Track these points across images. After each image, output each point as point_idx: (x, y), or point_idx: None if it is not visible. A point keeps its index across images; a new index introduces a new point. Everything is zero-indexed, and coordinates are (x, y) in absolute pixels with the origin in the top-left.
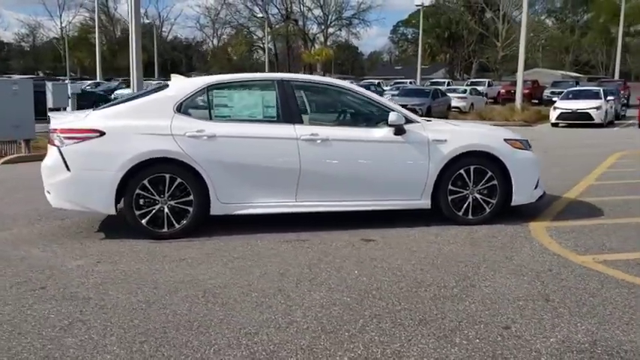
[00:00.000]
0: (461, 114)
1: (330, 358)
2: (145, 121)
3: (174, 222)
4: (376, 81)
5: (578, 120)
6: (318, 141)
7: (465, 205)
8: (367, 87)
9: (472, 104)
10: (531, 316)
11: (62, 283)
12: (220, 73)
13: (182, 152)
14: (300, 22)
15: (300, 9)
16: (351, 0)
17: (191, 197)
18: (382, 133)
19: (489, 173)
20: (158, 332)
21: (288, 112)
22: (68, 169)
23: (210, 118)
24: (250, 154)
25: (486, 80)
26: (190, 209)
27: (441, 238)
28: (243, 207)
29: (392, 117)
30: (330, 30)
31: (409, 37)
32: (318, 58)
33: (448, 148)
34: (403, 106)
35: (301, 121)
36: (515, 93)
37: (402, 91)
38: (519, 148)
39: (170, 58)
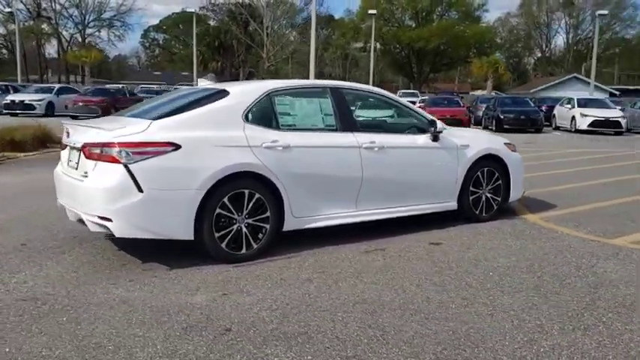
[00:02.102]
0: None
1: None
2: (218, 132)
3: (251, 242)
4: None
5: None
6: (376, 149)
7: (480, 204)
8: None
9: None
10: None
11: (238, 323)
12: None
13: (261, 165)
14: (54, 21)
15: (53, 6)
16: (111, 1)
17: (268, 213)
18: (422, 139)
19: (497, 174)
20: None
21: (346, 120)
22: (140, 189)
23: (278, 128)
24: (321, 164)
25: None
26: (267, 226)
27: (487, 237)
28: (313, 220)
29: (439, 125)
30: (89, 30)
31: (161, 42)
32: (85, 60)
33: (471, 152)
34: None
35: (357, 129)
36: None
37: None
38: (512, 151)
39: None
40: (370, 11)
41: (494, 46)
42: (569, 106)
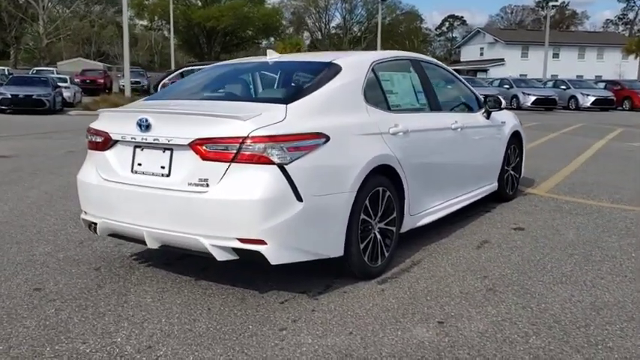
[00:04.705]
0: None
1: None
2: (350, 117)
3: (384, 250)
4: None
5: None
6: (459, 129)
7: (509, 182)
8: None
9: (75, 94)
10: None
11: None
12: None
13: (392, 155)
14: None
15: None
16: None
17: (394, 214)
18: (480, 117)
19: (517, 151)
20: None
21: (432, 97)
22: (299, 197)
23: (389, 109)
24: (430, 150)
25: (53, 69)
26: (393, 229)
27: (548, 216)
28: (422, 216)
29: (503, 101)
30: None
31: None
32: None
33: (507, 129)
34: None
35: (441, 108)
36: (90, 82)
37: (12, 80)
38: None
39: None
40: None
41: (280, 27)
42: None
